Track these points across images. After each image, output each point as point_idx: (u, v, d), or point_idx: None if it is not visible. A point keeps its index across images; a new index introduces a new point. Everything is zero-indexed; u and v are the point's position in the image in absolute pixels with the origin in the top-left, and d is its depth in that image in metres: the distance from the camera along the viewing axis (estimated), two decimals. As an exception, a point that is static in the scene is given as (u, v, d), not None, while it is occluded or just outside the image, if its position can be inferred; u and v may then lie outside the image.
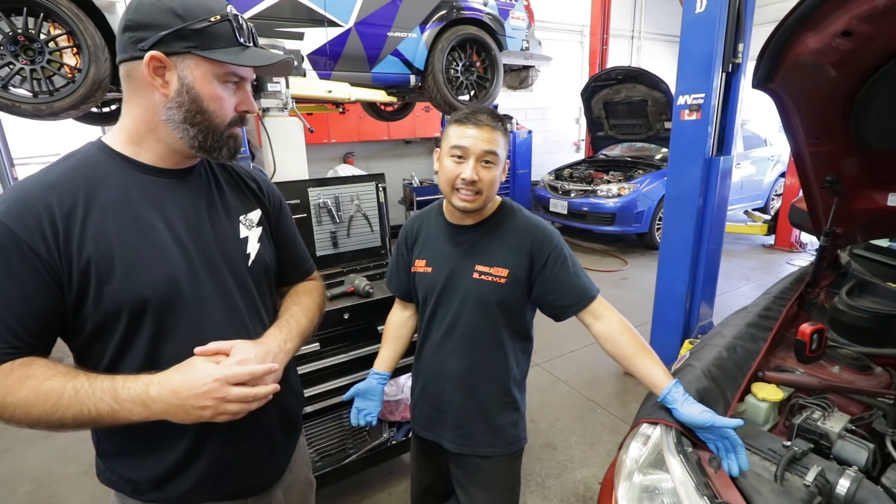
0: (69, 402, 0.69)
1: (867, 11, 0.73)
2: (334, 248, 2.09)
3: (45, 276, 0.71)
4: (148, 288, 0.76)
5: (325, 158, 6.63)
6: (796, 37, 0.85)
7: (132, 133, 0.80)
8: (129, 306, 0.76)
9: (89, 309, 0.75)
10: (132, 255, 0.76)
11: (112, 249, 0.74)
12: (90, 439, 0.90)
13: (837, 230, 1.38)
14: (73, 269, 0.72)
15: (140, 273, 0.76)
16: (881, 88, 0.90)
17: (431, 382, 1.33)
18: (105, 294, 0.74)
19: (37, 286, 0.71)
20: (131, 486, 0.85)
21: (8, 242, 0.69)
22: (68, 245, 0.72)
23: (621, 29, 9.24)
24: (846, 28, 0.78)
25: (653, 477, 0.98)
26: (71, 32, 2.17)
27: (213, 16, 0.75)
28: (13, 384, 0.69)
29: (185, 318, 0.81)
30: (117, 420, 0.71)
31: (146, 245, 0.77)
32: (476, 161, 1.11)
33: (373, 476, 2.18)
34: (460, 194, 1.13)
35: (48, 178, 0.74)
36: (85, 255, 0.72)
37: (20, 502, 2.19)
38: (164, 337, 0.79)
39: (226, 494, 0.91)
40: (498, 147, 1.13)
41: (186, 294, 0.80)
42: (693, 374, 1.14)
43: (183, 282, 0.80)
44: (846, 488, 0.93)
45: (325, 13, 3.00)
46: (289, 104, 2.19)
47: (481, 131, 1.11)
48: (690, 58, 2.45)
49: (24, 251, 0.69)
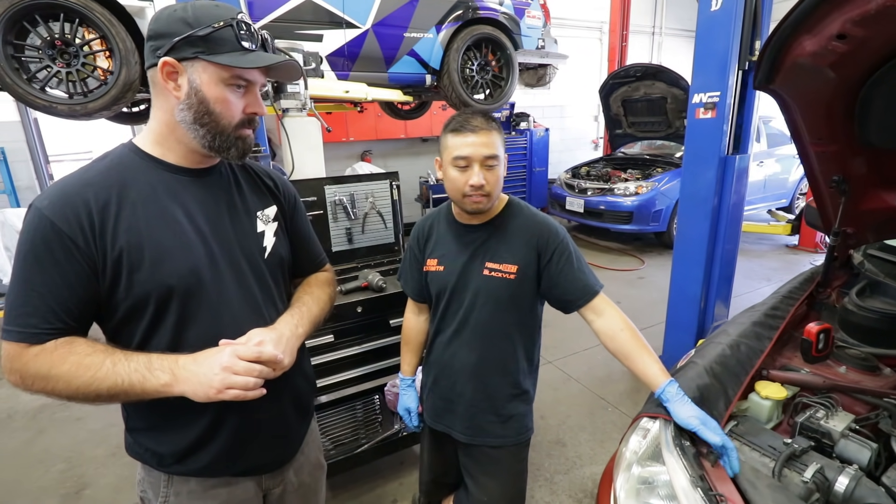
0: (106, 375, 0.76)
1: (860, 15, 0.74)
2: (349, 244, 2.15)
3: (83, 264, 0.78)
4: (173, 277, 0.83)
5: (343, 156, 6.73)
6: (794, 39, 0.87)
7: (157, 135, 0.88)
8: (157, 293, 0.83)
9: (121, 295, 0.82)
10: (159, 246, 0.83)
11: (142, 241, 0.81)
12: (118, 423, 0.98)
13: (848, 230, 1.37)
14: (107, 258, 0.80)
15: (166, 263, 0.83)
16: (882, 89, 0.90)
17: (443, 375, 1.37)
18: (135, 282, 0.81)
19: (76, 274, 0.78)
20: (156, 458, 0.93)
21: (51, 235, 0.77)
22: (103, 237, 0.79)
23: (642, 25, 9.10)
24: (840, 31, 0.79)
25: (650, 469, 1.00)
26: (104, 37, 2.28)
27: (216, 22, 0.80)
28: (58, 359, 0.77)
29: (206, 304, 0.87)
30: (146, 389, 0.78)
31: (171, 238, 0.84)
32: (480, 166, 1.15)
33: (384, 465, 2.25)
34: (471, 199, 1.18)
35: (86, 177, 0.82)
36: (118, 246, 0.80)
37: (54, 480, 2.33)
38: (187, 321, 0.86)
39: (241, 470, 0.98)
40: (497, 148, 1.17)
41: (207, 283, 0.87)
42: (695, 371, 1.15)
43: (204, 272, 0.86)
44: (845, 486, 0.94)
45: (343, 15, 3.06)
46: (307, 105, 2.25)
47: (479, 136, 1.14)
48: (705, 56, 2.43)
49: (65, 242, 0.77)
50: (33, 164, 4.99)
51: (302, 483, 1.13)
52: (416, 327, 1.50)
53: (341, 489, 2.15)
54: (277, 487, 1.07)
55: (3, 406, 3.01)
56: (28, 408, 2.97)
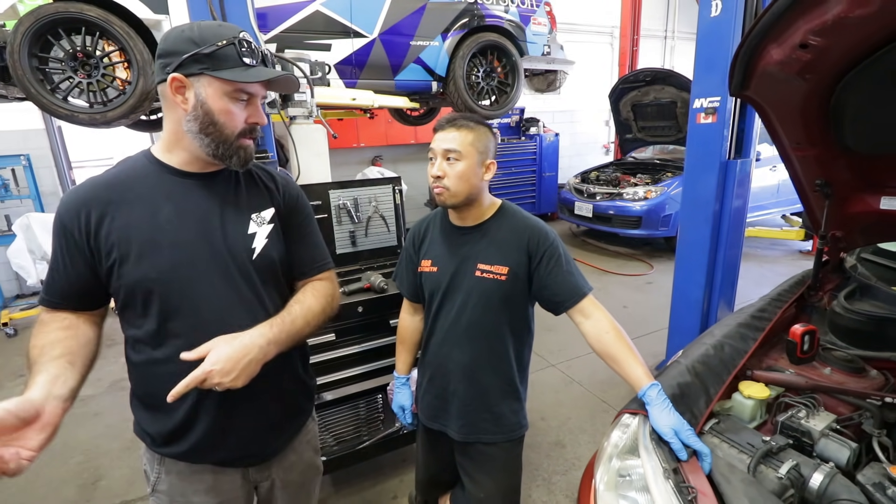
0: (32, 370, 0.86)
1: (818, 26, 0.77)
2: (353, 247, 2.22)
3: (77, 254, 0.92)
4: (154, 271, 0.91)
5: (354, 162, 6.85)
6: (762, 48, 0.90)
7: (167, 143, 0.97)
8: (141, 286, 0.92)
9: (115, 284, 0.93)
10: (146, 243, 0.91)
11: (130, 237, 0.91)
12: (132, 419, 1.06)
13: (837, 234, 1.38)
14: (101, 251, 0.91)
15: (150, 258, 0.91)
16: (850, 95, 0.93)
17: (437, 374, 1.42)
18: (123, 273, 0.91)
19: (71, 261, 0.92)
20: (149, 437, 1.02)
21: (58, 226, 0.92)
22: (98, 232, 0.90)
23: (653, 29, 9.08)
24: (803, 41, 0.82)
25: (627, 463, 1.04)
26: (122, 49, 2.40)
27: (221, 41, 0.88)
28: (39, 331, 0.92)
29: (188, 299, 0.94)
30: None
31: (160, 235, 0.92)
32: (442, 159, 1.26)
33: (386, 463, 2.30)
34: (435, 190, 1.28)
35: (103, 179, 0.95)
36: (110, 241, 0.90)
37: (71, 472, 2.44)
38: (169, 313, 0.94)
39: (223, 459, 1.04)
40: (459, 144, 1.24)
41: (188, 279, 0.94)
42: (677, 370, 1.18)
43: (185, 269, 0.94)
44: (819, 482, 0.96)
45: (351, 25, 3.15)
46: (314, 112, 2.34)
47: (445, 133, 1.25)
48: (706, 61, 2.45)
49: (67, 233, 0.91)
50: (57, 170, 5.19)
51: (291, 481, 1.17)
52: (410, 327, 1.55)
53: (344, 484, 2.20)
54: (265, 482, 1.13)
55: (26, 401, 3.15)
56: (49, 403, 3.09)
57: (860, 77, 0.88)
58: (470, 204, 1.30)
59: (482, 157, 1.27)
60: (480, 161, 1.27)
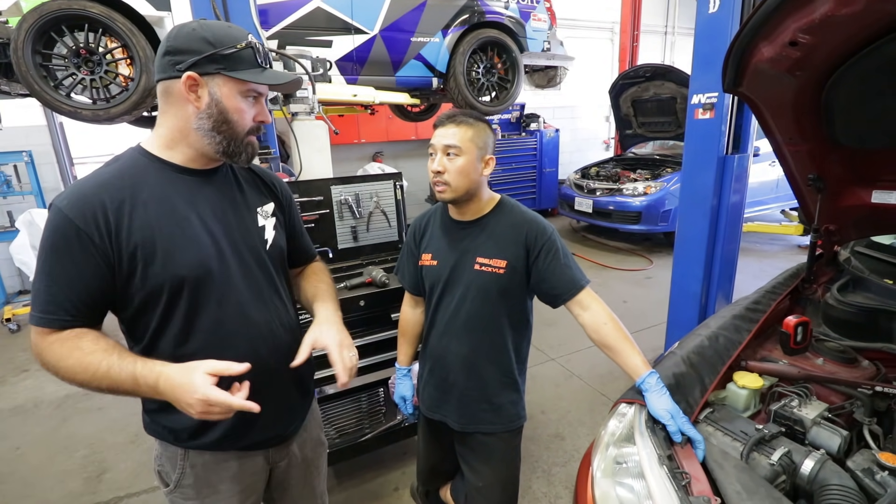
0: (103, 376, 0.84)
1: (807, 24, 0.80)
2: (354, 242, 2.24)
3: (98, 259, 0.86)
4: (184, 269, 0.92)
5: (355, 157, 6.87)
6: (753, 45, 0.92)
7: (167, 139, 0.96)
8: (170, 284, 0.91)
9: (136, 287, 0.90)
10: (171, 241, 0.91)
11: (154, 237, 0.90)
12: (137, 412, 1.07)
13: (830, 227, 1.41)
14: (122, 254, 0.87)
15: (178, 256, 0.91)
16: (840, 91, 0.95)
17: (437, 366, 1.45)
18: (150, 274, 0.90)
19: (91, 268, 0.86)
20: (173, 434, 1.02)
21: (70, 232, 0.84)
22: (119, 234, 0.87)
23: (653, 25, 9.06)
24: (792, 39, 0.84)
25: (624, 450, 1.07)
26: (125, 45, 2.41)
27: (238, 43, 0.91)
28: (66, 352, 0.85)
29: (214, 293, 0.96)
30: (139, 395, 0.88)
31: (181, 233, 0.93)
32: (442, 155, 1.28)
33: (387, 455, 2.33)
34: (436, 186, 1.30)
35: (101, 179, 0.90)
36: (132, 242, 0.88)
37: (76, 465, 2.47)
38: (196, 309, 0.95)
39: (249, 444, 1.08)
40: (458, 139, 1.26)
41: (215, 274, 0.96)
42: (672, 361, 1.21)
43: (212, 263, 0.96)
44: (810, 468, 0.99)
45: (352, 21, 3.17)
46: (315, 108, 2.35)
47: (445, 129, 1.28)
48: (704, 57, 2.47)
49: (82, 239, 0.84)
50: (59, 166, 5.21)
51: (305, 457, 1.22)
52: (412, 319, 1.58)
53: (346, 476, 2.24)
54: (283, 461, 1.17)
55: (31, 395, 3.19)
56: (53, 397, 3.13)
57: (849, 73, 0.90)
58: (469, 199, 1.32)
59: (481, 153, 1.29)
60: (480, 156, 1.29)
